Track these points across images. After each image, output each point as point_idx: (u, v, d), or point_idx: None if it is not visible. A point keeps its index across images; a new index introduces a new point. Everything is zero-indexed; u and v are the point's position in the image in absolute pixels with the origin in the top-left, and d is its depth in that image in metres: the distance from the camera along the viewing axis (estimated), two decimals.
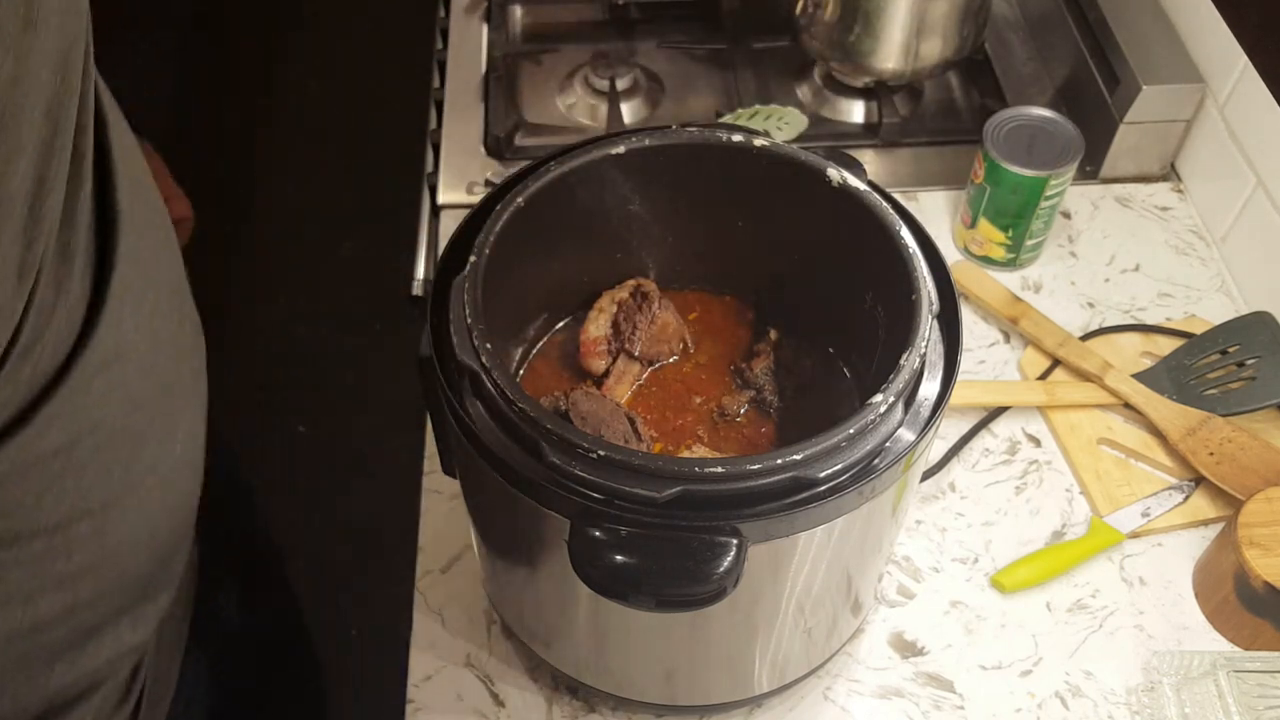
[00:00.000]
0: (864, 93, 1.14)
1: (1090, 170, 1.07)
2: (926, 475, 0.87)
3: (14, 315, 0.39)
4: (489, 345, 0.57)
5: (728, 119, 1.08)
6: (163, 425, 0.53)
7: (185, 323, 0.56)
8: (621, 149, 0.67)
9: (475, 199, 0.67)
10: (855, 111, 1.14)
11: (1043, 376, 0.92)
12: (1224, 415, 0.87)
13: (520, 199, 0.64)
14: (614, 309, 0.74)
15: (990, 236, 0.98)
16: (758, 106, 1.10)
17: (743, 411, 0.73)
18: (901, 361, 0.57)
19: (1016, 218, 0.96)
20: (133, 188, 0.48)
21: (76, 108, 0.41)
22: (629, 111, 1.13)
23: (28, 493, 0.44)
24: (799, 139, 1.08)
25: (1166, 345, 0.93)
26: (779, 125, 1.08)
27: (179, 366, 0.55)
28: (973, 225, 0.99)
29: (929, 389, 0.61)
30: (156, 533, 0.56)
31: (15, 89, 0.36)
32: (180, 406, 0.56)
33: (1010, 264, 1.00)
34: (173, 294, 0.55)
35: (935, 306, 0.61)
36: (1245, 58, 0.94)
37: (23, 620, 0.49)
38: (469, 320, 0.58)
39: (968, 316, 0.97)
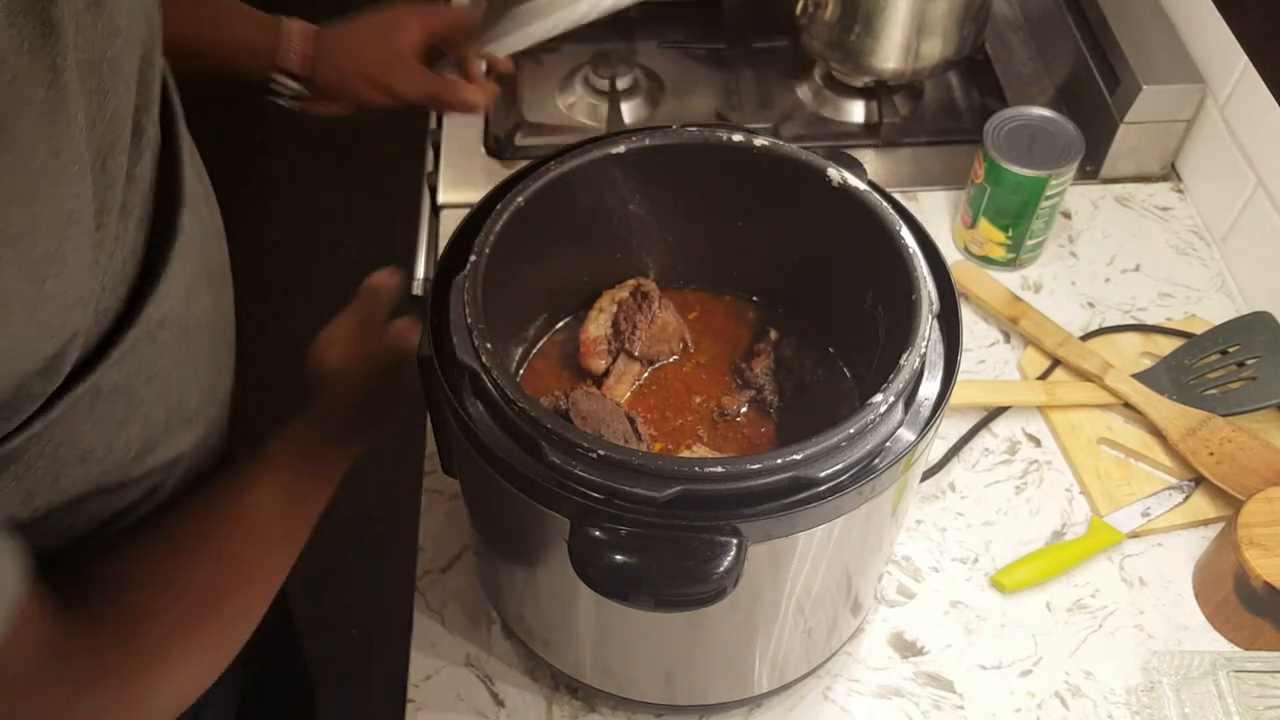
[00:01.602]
0: (864, 93, 1.14)
1: (1090, 170, 1.07)
2: (926, 475, 0.87)
3: (96, 259, 0.45)
4: (489, 345, 0.57)
5: None
6: (181, 392, 0.57)
7: (219, 306, 0.61)
8: (621, 149, 0.67)
9: (475, 199, 0.66)
10: (855, 111, 1.14)
11: (1043, 376, 0.92)
12: (1224, 415, 0.87)
13: (520, 199, 0.64)
14: (614, 309, 0.74)
15: (990, 236, 0.98)
16: None
17: (743, 411, 0.73)
18: (901, 361, 0.57)
19: (1016, 218, 0.96)
20: (196, 175, 0.57)
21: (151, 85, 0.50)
22: (629, 111, 1.13)
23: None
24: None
25: (1166, 345, 0.93)
26: None
27: (214, 348, 0.60)
28: (973, 225, 0.99)
29: (929, 389, 0.61)
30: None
31: (112, 43, 0.45)
32: (204, 396, 0.60)
33: (1010, 264, 1.00)
34: (216, 277, 0.61)
35: (935, 306, 0.61)
36: (1245, 58, 0.94)
37: None
38: (469, 320, 0.58)
39: (968, 316, 0.97)
